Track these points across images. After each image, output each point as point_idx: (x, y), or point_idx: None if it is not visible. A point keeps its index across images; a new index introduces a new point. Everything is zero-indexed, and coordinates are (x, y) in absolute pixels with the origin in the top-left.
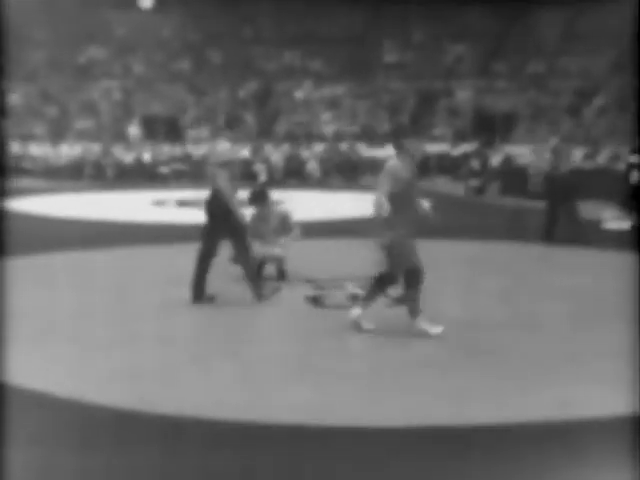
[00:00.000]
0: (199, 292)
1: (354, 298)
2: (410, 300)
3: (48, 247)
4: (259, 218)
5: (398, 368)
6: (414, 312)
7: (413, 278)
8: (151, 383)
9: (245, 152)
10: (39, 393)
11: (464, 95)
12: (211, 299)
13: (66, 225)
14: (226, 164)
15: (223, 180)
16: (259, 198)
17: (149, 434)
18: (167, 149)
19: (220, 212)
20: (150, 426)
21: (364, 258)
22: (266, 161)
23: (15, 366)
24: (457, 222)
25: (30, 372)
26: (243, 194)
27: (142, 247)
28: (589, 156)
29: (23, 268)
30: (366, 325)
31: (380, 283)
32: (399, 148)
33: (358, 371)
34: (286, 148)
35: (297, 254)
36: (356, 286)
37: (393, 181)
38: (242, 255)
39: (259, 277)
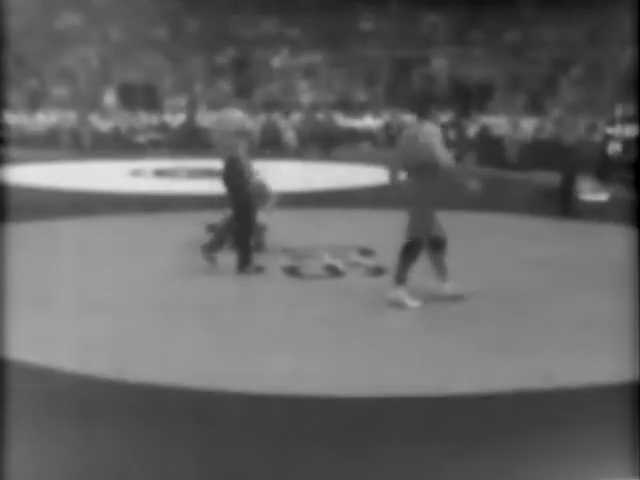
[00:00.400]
0: (213, 253)
1: (330, 268)
2: (401, 267)
3: (25, 216)
4: None
5: (377, 336)
6: (400, 280)
7: (418, 247)
8: (129, 352)
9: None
10: (16, 362)
11: (440, 64)
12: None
13: (44, 195)
14: (243, 133)
15: (242, 150)
16: None
17: (126, 403)
18: (144, 118)
19: (237, 181)
20: (127, 395)
21: (340, 228)
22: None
23: None
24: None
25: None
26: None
27: (121, 217)
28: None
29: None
30: (410, 303)
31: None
32: (426, 114)
33: (334, 340)
34: (262, 117)
35: (274, 224)
36: (332, 256)
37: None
38: (243, 224)
39: (250, 251)
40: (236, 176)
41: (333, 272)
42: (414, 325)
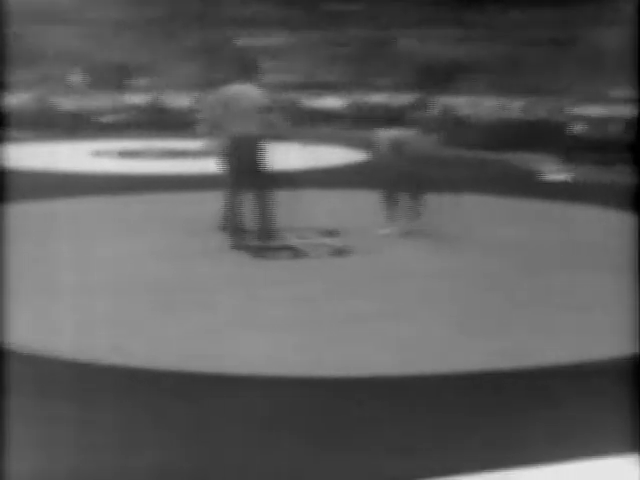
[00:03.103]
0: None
1: (294, 249)
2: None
3: None
4: None
5: (344, 318)
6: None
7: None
8: (107, 334)
9: (188, 101)
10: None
11: (408, 44)
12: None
13: (8, 176)
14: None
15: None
16: None
17: (108, 384)
18: (110, 98)
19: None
20: (108, 376)
21: (304, 208)
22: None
23: None
24: None
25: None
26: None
27: (86, 198)
28: (529, 108)
29: None
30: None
31: None
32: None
33: (300, 320)
34: None
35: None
36: (297, 236)
37: None
38: (271, 199)
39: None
40: (260, 153)
41: (297, 253)
42: (382, 306)
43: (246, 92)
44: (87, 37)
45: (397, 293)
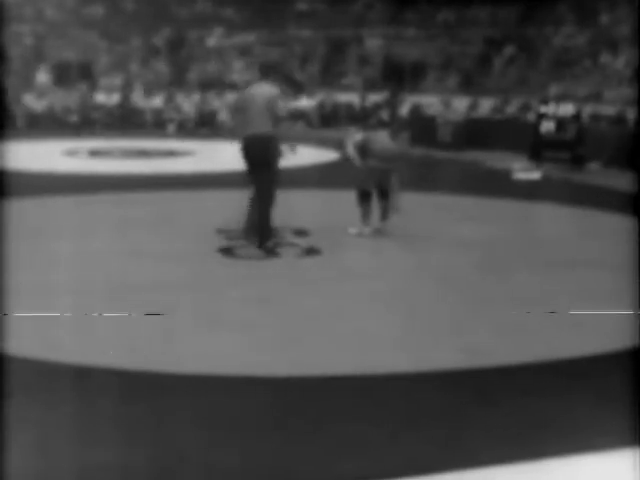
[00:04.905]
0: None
1: (265, 249)
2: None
3: None
4: None
5: (307, 316)
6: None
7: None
8: (63, 332)
9: (157, 101)
10: None
11: (374, 43)
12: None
13: None
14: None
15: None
16: None
17: (60, 384)
18: (79, 97)
19: (270, 158)
20: (61, 376)
21: (281, 209)
22: (178, 110)
23: None
24: None
25: None
26: None
27: (57, 197)
28: (498, 108)
29: None
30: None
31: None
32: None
33: (267, 320)
34: (197, 97)
35: (209, 205)
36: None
37: None
38: (271, 201)
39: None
40: (271, 152)
41: (268, 253)
42: (349, 306)
43: (258, 92)
44: (51, 36)
45: (360, 292)
